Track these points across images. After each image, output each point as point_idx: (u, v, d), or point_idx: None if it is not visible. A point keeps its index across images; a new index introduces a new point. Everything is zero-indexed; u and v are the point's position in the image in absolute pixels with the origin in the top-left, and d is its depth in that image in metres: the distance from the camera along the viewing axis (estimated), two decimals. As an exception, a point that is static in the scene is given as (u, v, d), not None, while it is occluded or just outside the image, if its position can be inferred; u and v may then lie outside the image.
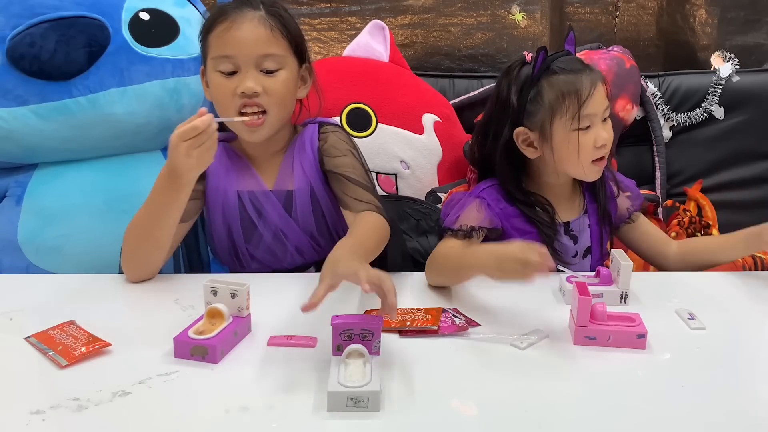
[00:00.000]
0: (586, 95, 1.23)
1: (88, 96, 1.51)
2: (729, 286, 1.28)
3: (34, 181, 1.57)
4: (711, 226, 1.83)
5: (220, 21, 1.24)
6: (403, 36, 2.05)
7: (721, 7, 2.00)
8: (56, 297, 1.18)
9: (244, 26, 1.22)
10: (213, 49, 1.25)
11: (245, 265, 1.35)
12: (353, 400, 0.85)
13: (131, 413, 0.86)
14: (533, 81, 1.26)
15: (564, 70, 1.25)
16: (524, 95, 1.27)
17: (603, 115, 1.27)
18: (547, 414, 0.87)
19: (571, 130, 1.24)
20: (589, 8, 2.09)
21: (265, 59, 1.23)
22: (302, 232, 1.33)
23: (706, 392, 0.92)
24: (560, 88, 1.24)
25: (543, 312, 1.12)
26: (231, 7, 1.25)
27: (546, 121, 1.25)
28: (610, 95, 1.30)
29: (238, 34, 1.22)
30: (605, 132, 1.26)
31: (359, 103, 1.76)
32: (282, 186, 1.32)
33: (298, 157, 1.33)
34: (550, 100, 1.25)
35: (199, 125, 1.10)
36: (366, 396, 0.85)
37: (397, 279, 1.25)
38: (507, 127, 1.29)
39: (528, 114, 1.27)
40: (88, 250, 1.54)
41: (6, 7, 1.50)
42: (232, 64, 1.23)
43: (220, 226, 1.33)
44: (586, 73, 1.25)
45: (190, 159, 1.12)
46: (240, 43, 1.22)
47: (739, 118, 1.87)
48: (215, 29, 1.24)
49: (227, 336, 0.99)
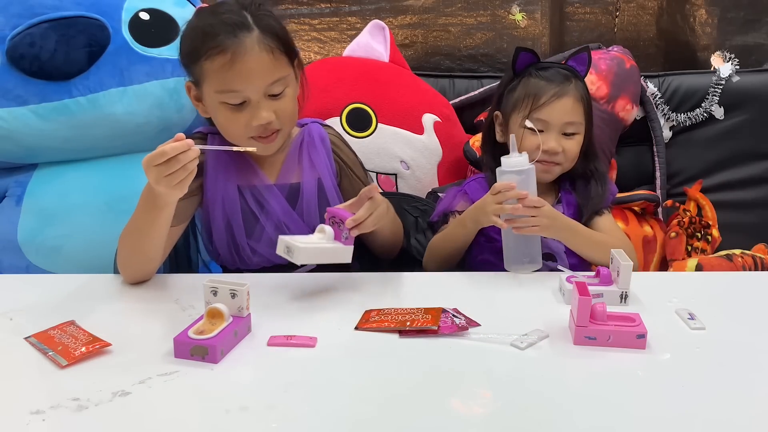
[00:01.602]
0: (543, 102, 1.36)
1: (88, 96, 1.51)
2: (729, 286, 1.28)
3: (34, 181, 1.57)
4: (711, 226, 1.83)
5: (216, 53, 1.18)
6: (403, 36, 2.05)
7: (721, 7, 2.00)
8: (56, 297, 1.18)
9: (246, 58, 1.18)
10: (215, 83, 1.21)
11: (246, 260, 1.34)
12: (287, 249, 1.13)
13: (131, 413, 0.86)
14: (514, 75, 1.42)
15: (540, 76, 1.39)
16: (505, 84, 1.45)
17: (561, 128, 1.38)
18: (547, 414, 0.87)
19: (519, 127, 1.38)
20: (589, 8, 2.09)
21: (273, 86, 1.22)
22: (306, 225, 1.32)
23: (706, 392, 0.92)
24: (526, 88, 1.39)
25: (543, 312, 1.12)
26: (221, 33, 1.18)
27: (508, 112, 1.42)
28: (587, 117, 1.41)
29: (243, 69, 1.18)
30: (554, 142, 1.37)
31: (359, 103, 1.76)
32: (286, 180, 1.33)
33: (307, 152, 1.34)
34: (517, 96, 1.40)
35: (167, 151, 1.05)
36: (293, 248, 1.12)
37: (396, 279, 1.26)
38: (492, 109, 1.48)
39: (503, 102, 1.44)
40: (88, 250, 1.54)
41: (6, 7, 1.50)
42: (240, 97, 1.21)
43: (219, 222, 1.32)
44: (556, 84, 1.37)
45: (159, 186, 1.08)
46: (247, 78, 1.19)
47: (739, 118, 1.87)
48: (212, 61, 1.19)
49: (227, 336, 0.99)
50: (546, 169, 1.38)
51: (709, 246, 1.82)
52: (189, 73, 1.26)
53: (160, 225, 1.18)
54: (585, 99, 1.40)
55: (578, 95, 1.39)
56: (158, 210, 1.15)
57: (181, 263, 1.39)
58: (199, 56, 1.20)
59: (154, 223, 1.18)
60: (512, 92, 1.41)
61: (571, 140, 1.39)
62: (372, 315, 1.10)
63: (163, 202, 1.14)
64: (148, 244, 1.20)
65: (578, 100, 1.38)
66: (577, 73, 1.41)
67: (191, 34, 1.23)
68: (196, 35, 1.22)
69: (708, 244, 1.82)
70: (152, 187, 1.10)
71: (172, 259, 1.35)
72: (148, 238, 1.19)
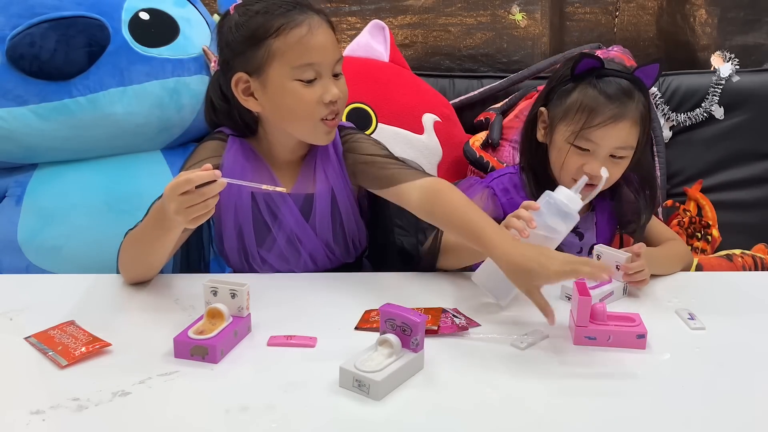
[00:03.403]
0: (597, 122, 1.21)
1: (88, 96, 1.51)
2: (729, 286, 1.28)
3: (34, 181, 1.57)
4: (711, 226, 1.84)
5: (292, 26, 1.17)
6: (403, 36, 2.05)
7: (721, 7, 2.00)
8: (56, 297, 1.18)
9: (320, 32, 1.19)
10: (291, 58, 1.18)
11: (256, 268, 1.31)
12: (358, 382, 0.89)
13: (131, 413, 0.86)
14: (571, 78, 1.25)
15: (600, 88, 1.23)
16: (559, 83, 1.27)
17: (610, 151, 1.24)
18: (547, 414, 0.87)
19: (566, 141, 1.25)
20: (589, 8, 2.09)
21: (338, 65, 1.22)
22: (318, 238, 1.29)
23: (706, 392, 0.92)
24: (582, 99, 1.23)
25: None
26: (291, 9, 1.19)
27: (556, 118, 1.26)
28: (642, 138, 1.26)
29: (318, 42, 1.18)
30: (598, 167, 1.22)
31: (359, 103, 1.76)
32: (301, 190, 1.28)
33: (321, 162, 1.29)
34: (570, 103, 1.25)
35: (193, 179, 1.02)
36: (368, 382, 0.88)
37: (396, 279, 1.26)
38: (538, 103, 1.31)
39: (553, 102, 1.28)
40: (88, 250, 1.54)
41: (6, 7, 1.50)
42: (315, 71, 1.19)
43: (230, 228, 1.28)
44: (616, 104, 1.22)
45: (178, 216, 1.05)
46: (323, 51, 1.19)
47: (739, 118, 1.87)
48: (286, 36, 1.17)
49: (227, 336, 0.99)
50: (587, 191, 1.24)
51: (709, 246, 1.82)
52: (242, 62, 1.21)
53: (166, 242, 1.16)
54: (645, 118, 1.26)
55: (638, 116, 1.24)
56: (166, 230, 1.13)
57: (192, 263, 1.37)
58: (269, 35, 1.17)
59: (159, 239, 1.15)
60: (566, 96, 1.26)
61: (618, 165, 1.26)
62: (372, 315, 1.10)
63: (173, 225, 1.11)
64: (153, 257, 1.19)
65: (636, 123, 1.24)
66: (642, 85, 1.26)
67: (253, 18, 1.19)
68: (262, 16, 1.19)
69: (708, 244, 1.82)
70: (166, 212, 1.06)
71: (183, 257, 1.33)
72: (153, 251, 1.18)
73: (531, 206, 1.13)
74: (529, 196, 1.30)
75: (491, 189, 1.32)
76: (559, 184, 1.26)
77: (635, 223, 1.34)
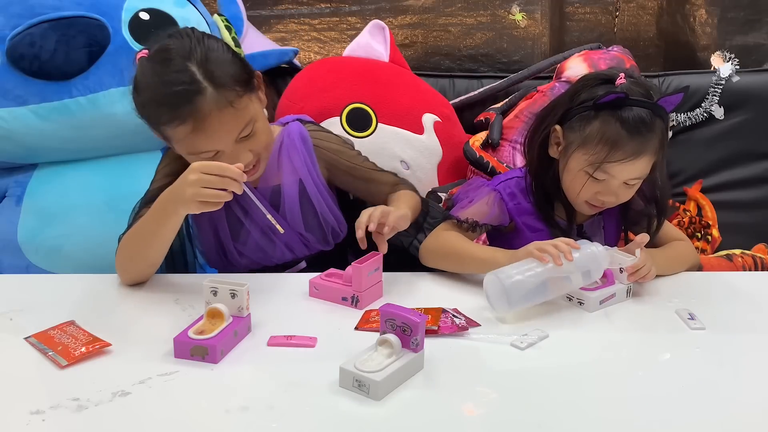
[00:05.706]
0: (616, 159, 1.19)
1: (88, 96, 1.51)
2: (729, 286, 1.28)
3: (34, 181, 1.57)
4: (711, 226, 1.84)
5: (176, 125, 1.14)
6: (403, 36, 2.05)
7: (721, 7, 2.00)
8: (56, 297, 1.18)
9: (208, 123, 1.14)
10: (182, 148, 1.19)
11: (234, 263, 1.35)
12: (358, 382, 0.89)
13: (131, 413, 0.86)
14: (594, 105, 1.21)
15: (623, 121, 1.18)
16: (580, 107, 1.23)
17: (627, 181, 1.23)
18: (547, 414, 0.87)
19: (583, 169, 1.23)
20: (589, 8, 2.09)
21: (242, 133, 1.19)
22: (290, 227, 1.32)
23: (706, 392, 0.92)
24: (603, 130, 1.19)
25: (543, 312, 1.12)
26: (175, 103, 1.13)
27: (573, 143, 1.23)
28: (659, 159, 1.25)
29: (207, 132, 1.15)
30: (613, 194, 1.23)
31: (359, 103, 1.76)
32: (266, 183, 1.32)
33: (286, 153, 1.32)
34: (590, 132, 1.21)
35: (224, 168, 1.08)
36: (368, 382, 0.88)
37: (396, 278, 1.26)
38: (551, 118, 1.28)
39: (571, 125, 1.24)
40: (88, 250, 1.54)
41: (6, 7, 1.50)
42: (211, 153, 1.18)
43: (206, 227, 1.33)
44: (638, 140, 1.19)
45: (191, 189, 1.08)
46: (212, 139, 1.16)
47: (739, 118, 1.87)
48: (174, 130, 1.15)
49: (227, 336, 0.99)
50: (591, 210, 1.29)
51: (709, 246, 1.82)
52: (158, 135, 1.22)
53: (166, 231, 1.18)
54: (663, 145, 1.24)
55: (656, 147, 1.22)
56: (167, 216, 1.15)
57: (177, 266, 1.39)
58: (159, 125, 1.18)
59: (159, 229, 1.17)
60: (586, 123, 1.21)
61: (630, 189, 1.26)
62: (372, 315, 1.10)
63: (176, 208, 1.13)
64: (152, 250, 1.20)
65: (654, 154, 1.22)
66: (663, 112, 1.22)
67: (142, 108, 1.19)
68: (151, 106, 1.17)
69: (708, 244, 1.83)
70: (176, 189, 1.10)
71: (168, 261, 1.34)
72: (152, 244, 1.19)
73: (572, 245, 1.13)
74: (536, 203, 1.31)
75: (498, 193, 1.31)
76: (567, 197, 1.28)
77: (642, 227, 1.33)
